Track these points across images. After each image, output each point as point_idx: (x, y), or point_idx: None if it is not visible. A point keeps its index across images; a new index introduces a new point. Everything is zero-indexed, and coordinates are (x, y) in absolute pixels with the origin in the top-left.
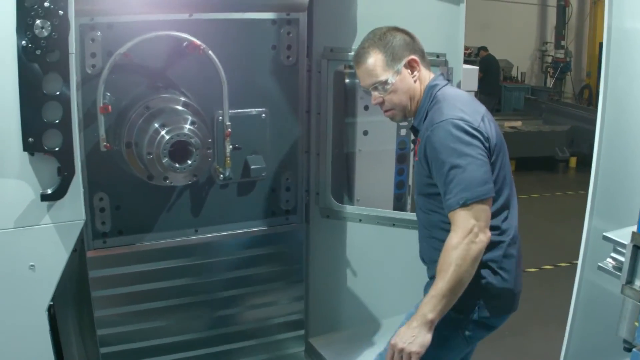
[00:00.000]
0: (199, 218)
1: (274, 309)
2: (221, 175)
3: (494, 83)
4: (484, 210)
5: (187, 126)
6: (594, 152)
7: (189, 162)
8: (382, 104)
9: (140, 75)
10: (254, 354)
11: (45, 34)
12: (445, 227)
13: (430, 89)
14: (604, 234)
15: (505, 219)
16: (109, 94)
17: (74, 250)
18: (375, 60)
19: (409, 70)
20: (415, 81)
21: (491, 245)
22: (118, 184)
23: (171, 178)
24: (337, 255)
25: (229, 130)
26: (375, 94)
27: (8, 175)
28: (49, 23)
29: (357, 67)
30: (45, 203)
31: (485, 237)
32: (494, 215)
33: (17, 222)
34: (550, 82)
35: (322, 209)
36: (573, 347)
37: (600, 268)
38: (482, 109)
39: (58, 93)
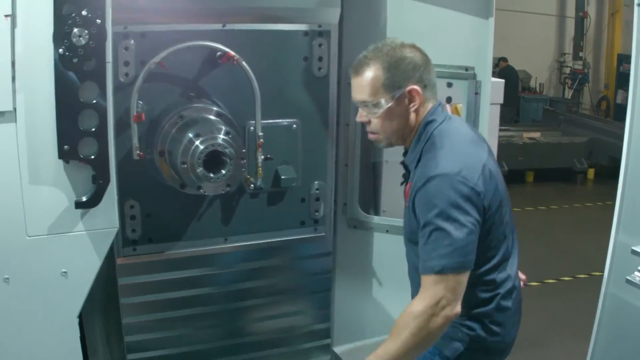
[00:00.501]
0: (228, 227)
1: (300, 317)
2: (252, 185)
3: (512, 94)
4: (460, 283)
5: (222, 136)
6: (622, 164)
7: (223, 171)
8: (367, 123)
9: (173, 85)
10: None
11: (83, 42)
12: None
13: (427, 125)
14: (633, 247)
15: (503, 270)
16: (141, 103)
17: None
18: (374, 76)
19: (407, 100)
20: (411, 112)
21: (484, 301)
22: (149, 191)
23: (205, 187)
24: (364, 265)
25: (261, 140)
26: (362, 111)
27: (43, 183)
28: (86, 31)
29: (352, 75)
30: (79, 210)
31: (452, 312)
32: (490, 270)
33: (51, 228)
34: (568, 93)
35: (349, 219)
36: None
37: (628, 282)
38: (484, 152)
39: (94, 101)
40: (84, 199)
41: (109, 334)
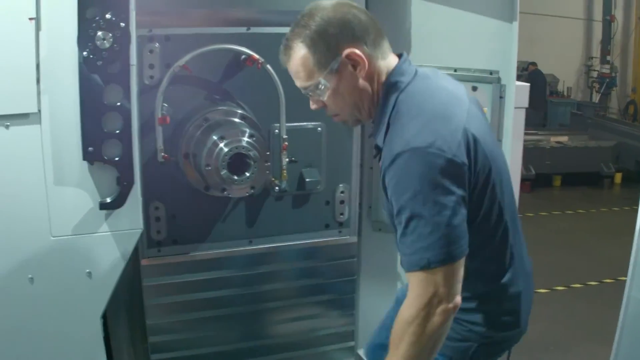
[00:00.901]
0: (253, 229)
1: (324, 320)
2: (276, 188)
3: (540, 97)
4: (452, 274)
5: (246, 139)
6: None
7: (247, 174)
8: (325, 107)
9: (197, 87)
10: None
11: (107, 45)
12: None
13: (390, 89)
14: None
15: (503, 259)
16: (166, 105)
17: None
18: (301, 57)
19: (351, 66)
20: (360, 79)
21: (486, 294)
22: (174, 193)
23: (229, 190)
24: (388, 268)
25: (286, 143)
26: (311, 98)
27: (67, 184)
28: (110, 35)
29: (283, 64)
30: (104, 211)
31: (450, 306)
32: (487, 261)
33: (75, 229)
34: (595, 97)
35: (374, 222)
36: None
37: None
38: (463, 112)
39: (118, 104)
40: (109, 200)
41: (133, 335)
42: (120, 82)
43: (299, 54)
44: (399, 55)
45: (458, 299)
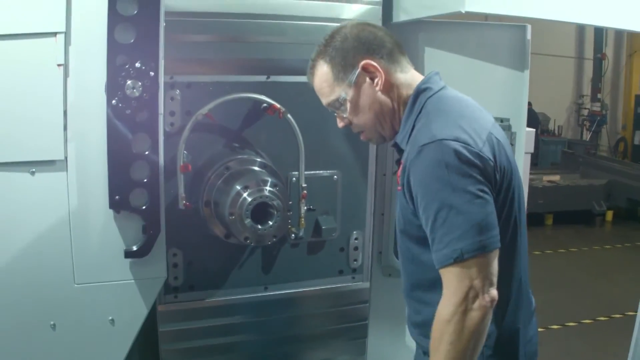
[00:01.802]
0: (268, 275)
1: None
2: (293, 235)
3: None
4: (486, 265)
5: (268, 188)
6: None
7: (270, 223)
8: (350, 125)
9: (217, 135)
10: None
11: (137, 94)
12: (433, 284)
13: (419, 94)
14: None
15: (506, 276)
16: (185, 152)
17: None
18: (323, 74)
19: (369, 78)
20: (380, 90)
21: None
22: (192, 240)
23: (251, 238)
24: (398, 312)
25: (305, 192)
26: (337, 116)
27: (92, 231)
28: (140, 83)
29: (310, 85)
30: (128, 260)
31: (486, 299)
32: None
33: (99, 277)
34: (586, 135)
35: (384, 267)
36: None
37: None
38: (488, 123)
39: (146, 153)
40: (134, 248)
41: None
42: (148, 130)
43: (321, 71)
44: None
45: (495, 292)
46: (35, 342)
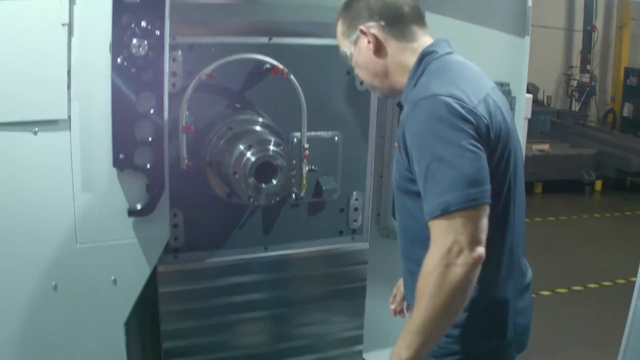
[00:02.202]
0: (269, 236)
1: (334, 324)
2: (294, 195)
3: None
4: (474, 220)
5: (272, 147)
6: None
7: (274, 182)
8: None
9: (219, 96)
10: None
11: (142, 53)
12: (428, 242)
13: (424, 57)
14: None
15: (496, 243)
16: (187, 113)
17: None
18: (338, 29)
19: (366, 41)
20: (374, 53)
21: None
22: (193, 200)
23: (255, 197)
24: (395, 273)
25: (307, 152)
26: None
27: (95, 191)
28: (145, 42)
29: None
30: (132, 219)
31: (472, 257)
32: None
33: (102, 236)
34: (575, 106)
35: (382, 229)
36: None
37: None
38: (487, 86)
39: (151, 112)
40: (138, 207)
41: (143, 340)
42: (154, 90)
43: (338, 27)
44: None
45: (481, 250)
46: (37, 303)
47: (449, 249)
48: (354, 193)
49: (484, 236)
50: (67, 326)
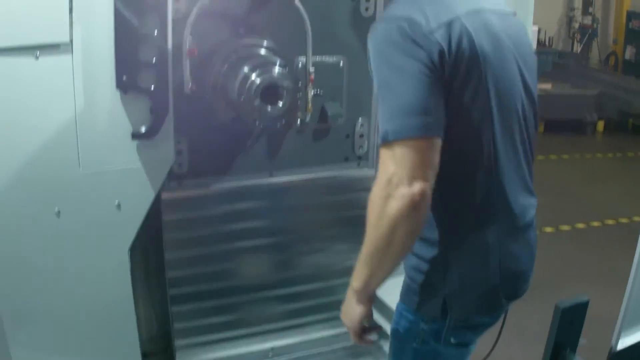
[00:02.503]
0: (274, 162)
1: (340, 252)
2: (299, 121)
3: None
4: (415, 153)
5: (278, 69)
6: None
7: (280, 104)
8: None
9: (222, 20)
10: (320, 296)
11: None
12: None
13: None
14: None
15: (469, 180)
16: (190, 37)
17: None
18: None
19: None
20: None
21: (448, 229)
22: (197, 126)
23: (260, 120)
24: None
25: (312, 76)
26: None
27: (99, 115)
28: None
29: None
30: (135, 142)
31: (410, 191)
32: (453, 183)
33: (106, 160)
34: (577, 48)
35: None
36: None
37: None
38: (465, 9)
39: (155, 33)
40: (142, 130)
41: (147, 270)
42: (158, 10)
43: None
44: None
45: (422, 186)
46: (40, 230)
47: (389, 180)
48: (360, 119)
49: (427, 171)
50: (70, 253)
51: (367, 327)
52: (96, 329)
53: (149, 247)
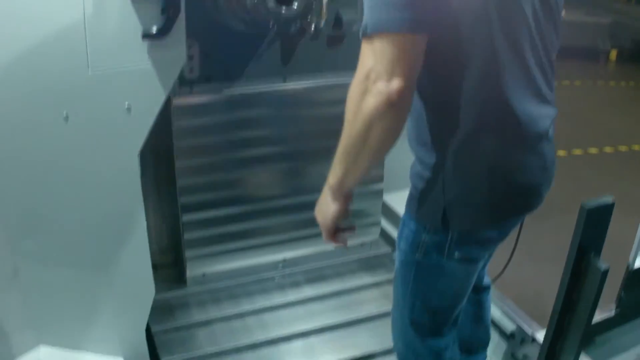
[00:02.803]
0: (287, 67)
1: None
2: (313, 26)
3: None
4: (395, 48)
5: None
6: None
7: (295, 5)
8: None
9: None
10: None
11: None
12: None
13: None
14: None
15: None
16: None
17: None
18: None
19: None
20: None
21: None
22: (209, 30)
23: (275, 22)
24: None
25: None
26: None
27: (108, 14)
28: None
29: None
30: (146, 43)
31: (388, 88)
32: (453, 75)
33: (115, 62)
34: None
35: None
36: None
37: None
38: None
39: None
40: (154, 30)
41: (158, 179)
42: None
43: None
44: None
45: (400, 83)
46: (48, 135)
47: (367, 75)
48: None
49: (407, 69)
50: (79, 157)
51: (342, 227)
52: (106, 237)
53: (160, 157)
